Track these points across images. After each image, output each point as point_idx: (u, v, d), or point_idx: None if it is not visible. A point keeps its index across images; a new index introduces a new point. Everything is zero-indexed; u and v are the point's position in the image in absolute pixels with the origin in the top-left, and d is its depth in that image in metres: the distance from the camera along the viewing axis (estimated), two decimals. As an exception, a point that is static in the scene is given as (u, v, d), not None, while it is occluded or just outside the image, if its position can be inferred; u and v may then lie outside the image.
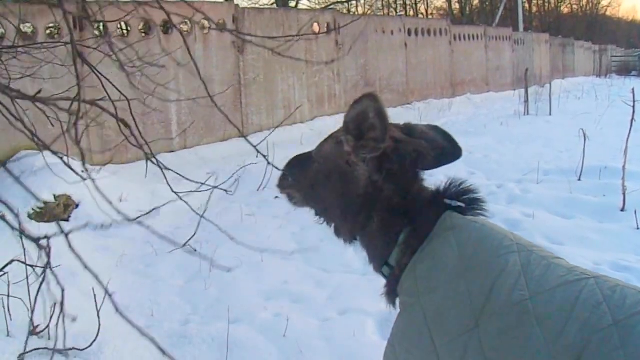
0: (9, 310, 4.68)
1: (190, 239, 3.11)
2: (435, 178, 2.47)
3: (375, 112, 2.17)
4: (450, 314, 1.96)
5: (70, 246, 1.94)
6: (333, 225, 2.55)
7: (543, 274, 1.91)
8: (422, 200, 2.30)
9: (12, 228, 2.17)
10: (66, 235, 1.99)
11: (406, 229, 2.26)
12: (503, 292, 1.89)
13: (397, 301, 2.33)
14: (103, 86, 3.92)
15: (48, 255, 2.11)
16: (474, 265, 2.01)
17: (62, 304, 2.21)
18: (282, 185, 2.82)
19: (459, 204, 2.28)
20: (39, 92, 2.51)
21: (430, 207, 2.27)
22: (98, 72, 3.83)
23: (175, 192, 2.98)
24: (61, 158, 2.65)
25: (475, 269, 1.99)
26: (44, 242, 2.05)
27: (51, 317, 4.19)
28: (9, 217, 2.11)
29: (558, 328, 1.75)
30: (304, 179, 2.61)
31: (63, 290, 2.17)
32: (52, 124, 3.64)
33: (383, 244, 2.33)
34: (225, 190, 3.54)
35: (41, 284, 2.45)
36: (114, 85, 3.97)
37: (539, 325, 1.78)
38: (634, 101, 7.98)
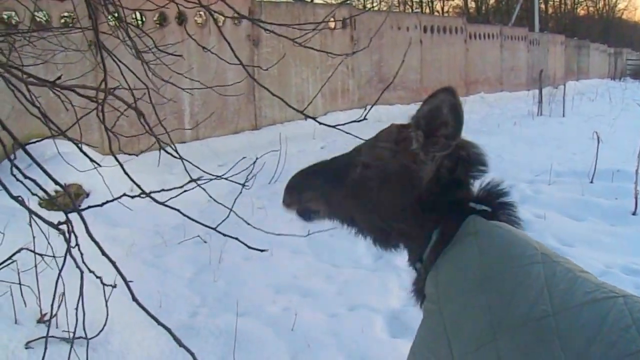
0: (22, 297, 4.68)
1: (226, 217, 3.07)
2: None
3: (450, 108, 2.09)
4: (468, 325, 1.85)
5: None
6: (373, 233, 2.42)
7: (568, 289, 1.78)
8: (452, 201, 2.20)
9: (31, 213, 2.16)
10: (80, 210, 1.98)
11: (437, 229, 2.18)
12: (524, 305, 1.76)
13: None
14: (127, 72, 3.93)
15: (69, 240, 2.11)
16: (494, 274, 1.88)
17: (81, 286, 2.20)
18: (295, 199, 2.60)
19: (484, 207, 2.18)
20: (59, 78, 2.50)
21: (456, 208, 2.17)
22: (118, 59, 3.83)
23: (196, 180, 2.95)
24: (77, 144, 2.65)
25: (495, 278, 1.87)
26: (63, 227, 2.05)
27: (59, 306, 4.19)
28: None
29: (581, 350, 1.62)
30: (337, 189, 2.46)
31: (82, 273, 2.16)
32: (66, 109, 3.65)
33: (422, 240, 2.23)
34: (242, 184, 3.50)
35: (61, 268, 2.44)
36: (134, 74, 3.97)
37: (561, 344, 1.65)
38: (649, 105, 7.93)
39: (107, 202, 2.40)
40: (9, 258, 3.42)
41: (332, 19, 16.14)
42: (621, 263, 6.06)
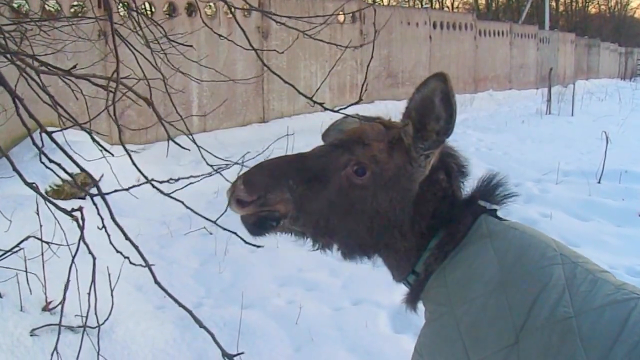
0: (27, 284, 4.70)
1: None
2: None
3: (442, 98, 1.93)
4: (488, 328, 1.84)
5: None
6: (348, 246, 2.22)
7: (589, 290, 1.79)
8: (458, 202, 2.14)
9: (45, 199, 2.17)
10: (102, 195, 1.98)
11: (440, 232, 2.10)
12: (546, 307, 1.76)
13: (419, 306, 2.23)
14: (138, 63, 3.93)
15: (82, 227, 2.12)
16: (515, 277, 1.87)
17: (93, 272, 2.21)
18: (257, 199, 2.11)
19: (495, 206, 2.15)
20: (74, 67, 2.50)
21: (465, 209, 2.12)
22: (133, 47, 3.84)
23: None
24: (89, 133, 2.66)
25: (516, 281, 1.86)
26: (77, 214, 2.06)
27: (65, 294, 4.19)
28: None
29: (604, 351, 1.64)
30: (314, 194, 2.11)
31: (94, 259, 2.17)
32: (76, 98, 3.66)
33: (414, 249, 2.14)
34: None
35: (74, 255, 2.45)
36: (156, 63, 3.97)
37: (583, 345, 1.66)
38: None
39: (116, 191, 2.41)
40: (17, 245, 3.43)
41: (341, 13, 16.13)
42: (626, 264, 6.06)
